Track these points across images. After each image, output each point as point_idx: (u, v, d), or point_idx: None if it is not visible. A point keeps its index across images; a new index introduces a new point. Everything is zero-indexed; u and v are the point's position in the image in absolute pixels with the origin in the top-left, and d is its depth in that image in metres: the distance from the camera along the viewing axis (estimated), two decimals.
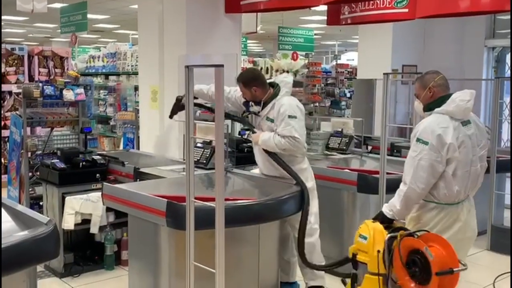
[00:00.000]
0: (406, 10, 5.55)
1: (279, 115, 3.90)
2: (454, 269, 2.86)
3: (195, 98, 4.22)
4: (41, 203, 5.33)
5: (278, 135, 3.88)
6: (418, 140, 3.10)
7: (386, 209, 3.22)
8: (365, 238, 3.14)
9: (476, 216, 3.30)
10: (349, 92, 11.52)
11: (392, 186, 3.98)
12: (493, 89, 5.96)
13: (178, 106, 4.42)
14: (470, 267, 3.16)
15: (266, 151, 4.01)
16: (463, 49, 8.48)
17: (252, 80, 3.99)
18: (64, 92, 5.61)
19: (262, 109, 4.01)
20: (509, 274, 4.34)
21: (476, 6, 4.76)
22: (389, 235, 3.09)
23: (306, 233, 3.86)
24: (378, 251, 3.06)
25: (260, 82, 4.01)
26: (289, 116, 3.86)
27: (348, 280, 3.27)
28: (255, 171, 4.56)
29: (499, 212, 5.99)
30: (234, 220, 3.19)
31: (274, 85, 4.05)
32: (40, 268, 4.69)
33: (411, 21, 5.92)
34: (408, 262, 2.97)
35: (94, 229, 4.70)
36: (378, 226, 3.16)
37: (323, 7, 6.79)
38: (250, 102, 4.04)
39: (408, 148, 3.23)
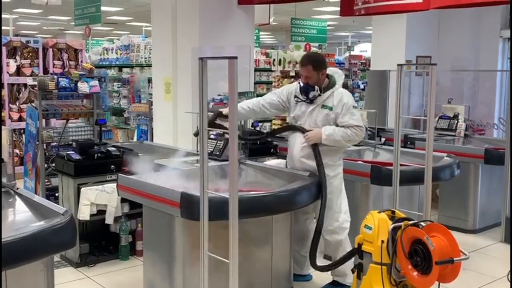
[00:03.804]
0: (421, 0, 5.49)
1: (342, 105, 3.90)
2: (455, 259, 2.87)
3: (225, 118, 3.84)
4: (56, 194, 5.38)
5: (343, 126, 3.88)
6: None
7: None
8: (370, 228, 3.16)
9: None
10: (362, 83, 11.45)
11: (406, 178, 4.02)
12: (509, 80, 5.90)
13: (215, 123, 3.84)
14: (484, 259, 3.15)
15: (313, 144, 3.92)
16: (478, 40, 8.39)
17: (323, 63, 4.00)
18: (79, 84, 5.65)
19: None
20: None
21: None
22: (393, 225, 3.10)
23: (334, 231, 3.98)
24: (382, 241, 3.07)
25: (326, 67, 4.03)
26: (353, 107, 3.94)
27: None
28: (269, 162, 4.57)
29: None
30: (247, 211, 3.21)
31: (328, 75, 4.05)
32: (56, 258, 4.74)
33: (426, 11, 5.87)
34: (411, 252, 2.98)
35: (109, 220, 4.75)
36: (383, 216, 3.17)
37: None
38: (316, 87, 3.94)
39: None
